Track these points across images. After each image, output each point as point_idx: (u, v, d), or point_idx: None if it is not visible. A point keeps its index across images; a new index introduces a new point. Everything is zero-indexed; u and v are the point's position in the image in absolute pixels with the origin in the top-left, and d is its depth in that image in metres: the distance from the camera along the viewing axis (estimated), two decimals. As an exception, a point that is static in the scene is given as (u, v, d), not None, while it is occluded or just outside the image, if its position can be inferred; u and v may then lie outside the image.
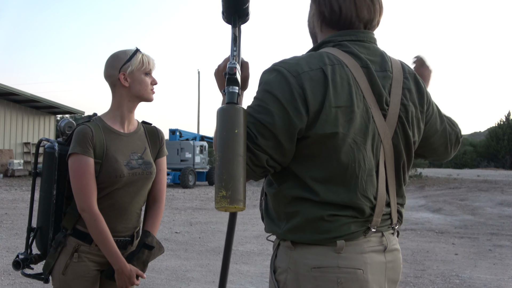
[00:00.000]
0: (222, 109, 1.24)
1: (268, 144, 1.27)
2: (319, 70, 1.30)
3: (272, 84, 1.31)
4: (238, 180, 1.19)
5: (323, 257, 1.30)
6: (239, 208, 1.19)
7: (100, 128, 1.98)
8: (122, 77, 1.99)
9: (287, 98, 1.28)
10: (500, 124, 45.60)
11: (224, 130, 1.22)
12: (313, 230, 1.31)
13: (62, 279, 1.94)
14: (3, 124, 22.93)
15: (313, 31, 1.53)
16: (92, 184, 1.90)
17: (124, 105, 2.03)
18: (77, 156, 1.90)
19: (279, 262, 1.37)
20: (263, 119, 1.27)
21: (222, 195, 1.18)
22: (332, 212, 1.30)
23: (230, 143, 1.20)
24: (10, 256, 5.94)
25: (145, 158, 2.06)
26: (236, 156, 1.20)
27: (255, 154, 1.27)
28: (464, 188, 17.63)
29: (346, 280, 1.29)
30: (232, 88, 1.30)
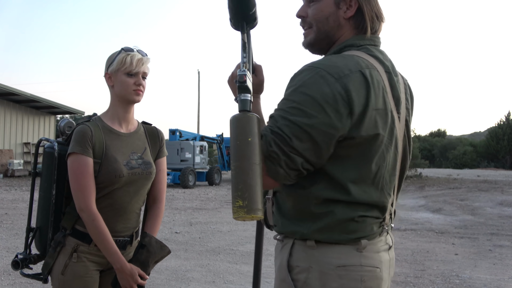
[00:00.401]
0: (235, 118, 1.22)
1: (304, 147, 1.24)
2: (358, 72, 1.30)
3: (309, 85, 1.27)
4: (254, 189, 1.17)
5: (347, 256, 1.33)
6: (257, 217, 1.18)
7: (100, 128, 1.98)
8: (107, 77, 2.01)
9: (327, 101, 1.25)
10: (500, 124, 45.57)
11: (238, 139, 1.20)
12: (341, 230, 1.33)
13: (61, 279, 1.94)
14: (3, 124, 22.92)
15: (332, 32, 1.44)
16: (91, 184, 1.89)
17: (117, 105, 2.03)
18: (76, 156, 1.89)
19: (296, 261, 1.36)
20: (299, 121, 1.24)
21: (239, 205, 1.18)
22: (362, 214, 1.34)
23: (244, 152, 1.19)
24: (10, 256, 5.94)
25: (145, 158, 2.06)
26: (251, 165, 1.18)
27: (290, 157, 1.24)
28: (464, 188, 17.62)
29: (368, 278, 1.33)
30: (244, 95, 1.27)
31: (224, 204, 13.10)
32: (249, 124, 1.21)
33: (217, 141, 22.48)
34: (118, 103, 2.03)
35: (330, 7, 1.42)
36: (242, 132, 1.20)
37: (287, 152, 1.24)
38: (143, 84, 2.00)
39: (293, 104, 1.27)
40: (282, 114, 1.27)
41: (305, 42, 1.50)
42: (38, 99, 23.21)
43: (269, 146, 1.24)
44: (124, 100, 2.01)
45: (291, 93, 1.30)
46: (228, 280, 5.15)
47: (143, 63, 1.99)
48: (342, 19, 1.42)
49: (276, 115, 1.29)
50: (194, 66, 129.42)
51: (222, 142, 22.45)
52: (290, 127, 1.24)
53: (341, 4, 1.41)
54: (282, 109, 1.29)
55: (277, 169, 1.25)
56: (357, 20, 1.42)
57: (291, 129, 1.24)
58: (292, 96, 1.29)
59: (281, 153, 1.23)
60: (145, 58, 2.00)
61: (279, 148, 1.24)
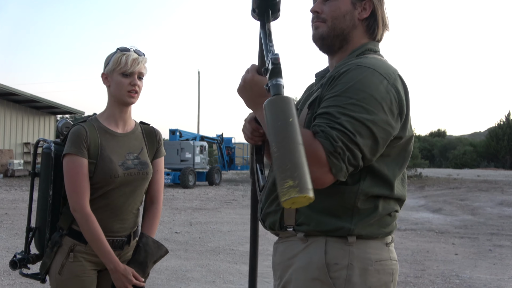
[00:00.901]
0: (271, 101, 1.13)
1: (365, 143, 1.25)
2: (398, 76, 1.37)
3: (366, 83, 1.28)
4: (303, 168, 1.06)
5: (380, 251, 1.39)
6: (309, 197, 1.04)
7: (95, 129, 1.98)
8: (104, 77, 2.02)
9: (385, 99, 1.28)
10: (500, 124, 45.56)
11: (278, 121, 1.11)
12: (379, 225, 1.39)
13: (58, 278, 1.94)
14: (3, 124, 22.92)
15: (347, 31, 1.45)
16: (85, 185, 1.89)
17: (114, 105, 2.03)
18: (71, 157, 1.90)
19: (334, 258, 1.35)
20: (361, 117, 1.24)
21: (289, 185, 1.03)
22: (396, 208, 1.44)
23: (287, 132, 1.09)
24: (10, 256, 5.93)
25: (141, 158, 2.05)
26: (296, 144, 1.08)
27: (352, 152, 1.23)
28: (464, 188, 17.62)
29: (395, 271, 1.42)
30: (277, 80, 1.18)
31: (224, 204, 13.11)
32: (288, 105, 1.13)
33: (217, 141, 22.47)
34: (114, 103, 2.03)
35: (347, 5, 1.45)
36: (282, 113, 1.12)
37: (351, 147, 1.23)
38: (138, 84, 1.98)
39: (352, 101, 1.26)
40: (340, 110, 1.25)
41: (317, 33, 1.48)
42: (38, 99, 23.20)
43: (335, 142, 1.21)
44: (119, 101, 2.01)
45: (346, 90, 1.28)
46: (228, 280, 5.15)
47: (139, 63, 1.97)
48: (357, 20, 1.46)
49: (333, 111, 1.26)
50: (194, 66, 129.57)
51: (222, 142, 22.44)
52: (352, 123, 1.23)
53: (357, 5, 1.45)
54: (338, 106, 1.26)
55: (341, 165, 1.22)
56: (370, 23, 1.46)
57: (353, 125, 1.23)
58: (349, 93, 1.27)
59: (346, 149, 1.22)
60: (141, 58, 1.99)
61: (343, 143, 1.22)
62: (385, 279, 1.37)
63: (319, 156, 1.20)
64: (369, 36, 1.48)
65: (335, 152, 1.20)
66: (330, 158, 1.20)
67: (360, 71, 1.30)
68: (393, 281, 1.40)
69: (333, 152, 1.20)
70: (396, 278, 1.43)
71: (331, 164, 1.21)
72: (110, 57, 2.00)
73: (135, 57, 1.96)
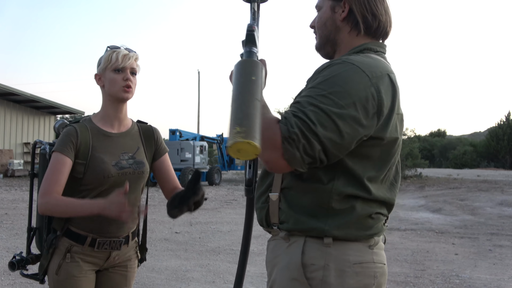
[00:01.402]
0: (239, 62, 1.19)
1: (327, 135, 1.22)
2: (387, 76, 1.35)
3: (343, 78, 1.28)
4: (254, 119, 1.09)
5: (362, 253, 1.37)
6: (254, 145, 1.06)
7: (88, 129, 1.98)
8: (97, 77, 2.02)
9: (359, 97, 1.26)
10: (500, 124, 45.56)
11: (242, 77, 1.16)
12: (359, 227, 1.36)
13: (55, 279, 1.94)
14: (3, 124, 22.92)
15: (332, 35, 1.51)
16: (59, 181, 1.86)
17: (108, 105, 2.03)
18: (55, 154, 1.91)
19: (310, 259, 1.35)
20: (328, 109, 1.23)
21: (236, 131, 1.07)
22: (377, 210, 1.40)
23: (246, 87, 1.14)
24: (10, 256, 5.93)
25: (137, 157, 2.04)
26: (252, 98, 1.12)
27: (309, 142, 1.22)
28: (464, 188, 17.62)
29: (379, 275, 1.39)
30: (250, 48, 1.24)
31: (224, 204, 13.11)
32: (254, 67, 1.18)
33: (217, 141, 22.48)
34: (109, 102, 2.02)
35: (327, 13, 1.51)
36: (245, 72, 1.17)
37: (308, 136, 1.21)
38: (131, 79, 1.98)
39: (323, 93, 1.26)
40: (309, 100, 1.26)
41: (315, 46, 1.58)
42: (38, 99, 23.20)
43: (290, 127, 1.21)
44: (114, 99, 2.00)
45: (322, 82, 1.29)
46: (228, 280, 5.15)
47: (130, 58, 1.97)
48: (339, 22, 1.49)
49: (303, 100, 1.27)
50: (194, 66, 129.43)
51: (222, 142, 22.44)
52: (317, 113, 1.23)
53: (336, 8, 1.49)
54: (309, 96, 1.27)
55: (294, 151, 1.21)
56: (350, 20, 1.47)
57: (317, 115, 1.23)
58: (323, 85, 1.28)
59: (302, 136, 1.21)
60: (131, 53, 1.99)
61: (300, 130, 1.21)
62: (366, 281, 1.35)
63: (275, 139, 1.21)
64: (355, 31, 1.48)
65: (289, 137, 1.21)
66: (284, 143, 1.21)
67: (342, 66, 1.31)
68: (375, 284, 1.37)
69: (287, 137, 1.21)
70: (381, 282, 1.40)
71: (284, 149, 1.21)
72: (101, 58, 2.01)
73: (126, 53, 1.98)
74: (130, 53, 1.99)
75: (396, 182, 1.48)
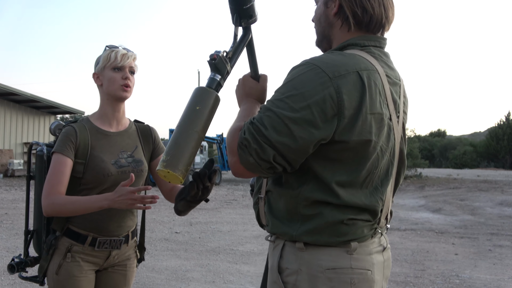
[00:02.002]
0: (194, 90, 1.28)
1: (280, 140, 1.21)
2: (355, 73, 1.26)
3: (301, 81, 1.25)
4: (182, 150, 1.20)
5: (337, 258, 1.31)
6: (174, 176, 1.19)
7: (86, 129, 1.98)
8: (96, 76, 2.02)
9: (316, 100, 1.22)
10: (500, 124, 45.56)
11: (188, 106, 1.26)
12: (330, 233, 1.31)
13: (55, 279, 1.93)
14: (3, 124, 22.92)
15: (326, 31, 1.46)
16: (61, 182, 1.87)
17: (105, 104, 2.03)
18: (55, 155, 1.91)
19: (286, 263, 1.35)
20: (281, 113, 1.22)
21: (162, 159, 1.20)
22: (351, 216, 1.32)
23: (188, 117, 1.25)
24: (10, 256, 5.94)
25: (135, 156, 2.05)
26: (189, 129, 1.23)
27: (261, 146, 1.22)
28: (464, 188, 17.62)
29: (358, 281, 1.31)
30: (214, 75, 1.33)
31: (224, 204, 13.10)
32: (204, 96, 1.27)
33: (217, 141, 22.48)
34: (107, 101, 2.02)
35: (321, 8, 1.47)
36: (194, 101, 1.26)
37: (259, 141, 1.22)
38: (130, 78, 1.98)
39: (281, 97, 1.26)
40: (267, 105, 1.27)
41: (315, 43, 1.55)
42: (38, 99, 23.20)
43: (242, 134, 1.25)
44: (112, 98, 2.00)
45: (282, 86, 1.29)
46: (228, 280, 5.15)
47: (128, 57, 1.98)
48: (332, 17, 1.43)
49: (263, 106, 1.29)
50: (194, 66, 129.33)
51: (222, 142, 22.44)
52: (271, 118, 1.23)
53: (329, 3, 1.44)
54: (268, 101, 1.29)
55: (247, 157, 1.24)
56: (341, 15, 1.41)
57: (271, 119, 1.23)
58: (282, 89, 1.28)
59: (253, 141, 1.22)
60: (130, 53, 2.00)
61: (252, 136, 1.23)
62: (340, 287, 1.30)
63: (233, 146, 1.29)
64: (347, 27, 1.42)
65: (241, 143, 1.25)
66: (238, 149, 1.26)
67: (303, 68, 1.28)
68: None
69: (240, 143, 1.25)
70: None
71: (239, 155, 1.26)
72: (100, 56, 2.02)
73: (125, 52, 1.99)
74: (129, 53, 2.00)
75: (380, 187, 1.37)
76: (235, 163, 1.28)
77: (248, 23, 1.45)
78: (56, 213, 1.87)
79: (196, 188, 1.51)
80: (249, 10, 1.41)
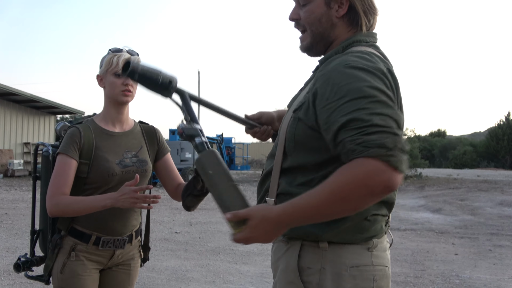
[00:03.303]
0: (195, 164, 1.38)
1: (396, 117, 1.19)
2: (387, 69, 1.30)
3: (366, 80, 1.20)
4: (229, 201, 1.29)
5: (359, 256, 1.33)
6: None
7: (91, 129, 2.00)
8: (99, 78, 2.04)
9: (381, 88, 1.21)
10: (500, 124, 45.53)
11: (206, 179, 1.35)
12: (355, 230, 1.33)
13: (60, 277, 1.95)
14: (3, 124, 22.92)
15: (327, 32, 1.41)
16: (65, 180, 1.89)
17: (109, 106, 2.05)
18: (60, 155, 1.93)
19: (307, 263, 1.34)
20: (386, 112, 1.16)
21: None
22: (374, 212, 1.34)
23: (213, 183, 1.33)
24: (10, 256, 5.94)
25: (140, 156, 2.07)
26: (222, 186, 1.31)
27: (400, 142, 1.14)
28: (464, 188, 17.62)
29: (379, 278, 1.34)
30: (195, 140, 1.40)
31: (224, 204, 13.08)
32: (205, 160, 1.34)
33: (217, 141, 22.47)
34: (110, 104, 2.04)
35: (321, 8, 1.39)
36: (204, 171, 1.34)
37: (393, 138, 1.13)
38: (131, 84, 2.00)
39: (368, 99, 1.17)
40: (367, 112, 1.15)
41: (302, 46, 1.47)
42: (38, 99, 23.20)
43: (380, 142, 1.11)
44: (114, 101, 2.02)
45: (348, 92, 1.19)
46: (228, 280, 5.15)
47: None
48: (335, 18, 1.39)
49: (357, 117, 1.15)
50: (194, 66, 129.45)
51: (222, 142, 22.43)
52: (385, 119, 1.15)
53: (332, 3, 1.38)
54: (361, 109, 1.16)
55: (400, 158, 1.12)
56: (351, 17, 1.39)
57: (383, 118, 1.15)
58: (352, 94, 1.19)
59: (398, 141, 1.13)
60: (133, 57, 1.99)
61: (391, 140, 1.12)
62: (363, 285, 1.32)
63: (377, 166, 1.10)
64: (353, 29, 1.41)
65: (387, 151, 1.11)
66: (390, 159, 1.11)
67: (354, 70, 1.25)
68: (375, 287, 1.34)
69: (386, 152, 1.11)
70: (382, 285, 1.36)
71: (394, 163, 1.11)
72: (103, 59, 2.03)
73: (127, 57, 1.98)
74: (132, 58, 1.99)
75: None
76: (388, 175, 1.10)
77: (173, 89, 1.48)
78: (61, 213, 1.90)
79: (201, 181, 1.57)
80: (164, 82, 1.46)
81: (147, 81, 1.46)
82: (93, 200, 1.87)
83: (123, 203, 1.80)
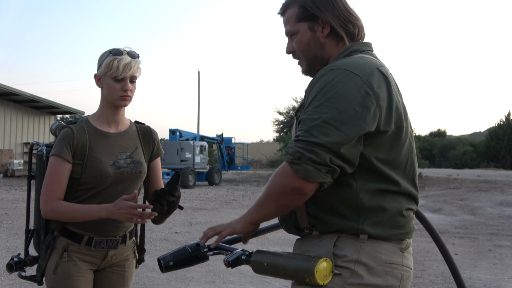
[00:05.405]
0: (252, 264, 1.51)
1: (331, 141, 1.28)
2: (376, 70, 1.40)
3: (336, 84, 1.34)
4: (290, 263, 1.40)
5: (394, 254, 1.41)
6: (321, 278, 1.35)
7: (85, 130, 1.97)
8: (97, 78, 2.00)
9: (355, 97, 1.31)
10: (500, 124, 45.47)
11: (264, 273, 1.50)
12: (392, 225, 1.40)
13: (53, 278, 1.94)
14: (3, 124, 22.92)
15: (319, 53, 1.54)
16: (59, 183, 1.88)
17: (106, 107, 2.02)
18: (53, 157, 1.91)
19: (344, 251, 1.39)
20: (325, 117, 1.29)
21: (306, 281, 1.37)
22: (408, 206, 1.44)
23: (271, 270, 1.46)
24: (10, 256, 5.92)
25: (134, 157, 2.04)
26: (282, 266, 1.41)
27: (315, 153, 1.28)
28: (464, 188, 17.61)
29: (405, 278, 1.43)
30: (234, 255, 1.60)
31: (224, 204, 13.10)
32: (259, 262, 1.49)
33: (217, 141, 22.47)
34: (107, 105, 2.02)
35: (307, 34, 1.53)
36: (260, 271, 1.51)
37: (312, 149, 1.28)
38: (130, 89, 1.96)
39: (319, 103, 1.33)
40: (307, 115, 1.33)
41: (303, 71, 1.62)
42: (38, 99, 23.20)
43: (291, 150, 1.31)
44: (111, 104, 2.00)
45: (317, 94, 1.35)
46: (228, 280, 5.15)
47: (131, 68, 1.93)
48: (322, 39, 1.53)
49: (303, 118, 1.35)
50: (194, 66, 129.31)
51: (222, 142, 22.43)
52: (316, 125, 1.30)
53: (315, 27, 1.52)
54: (307, 111, 1.35)
55: (305, 166, 1.29)
56: (335, 34, 1.51)
57: (316, 127, 1.29)
58: (317, 96, 1.34)
59: (305, 151, 1.28)
60: (133, 61, 1.94)
61: (302, 148, 1.29)
62: (392, 282, 1.39)
63: (286, 170, 1.33)
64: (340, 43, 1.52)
65: (293, 159, 1.30)
66: (293, 167, 1.30)
67: (331, 74, 1.36)
68: (400, 286, 1.41)
69: (291, 160, 1.30)
70: (406, 285, 1.44)
71: (296, 171, 1.30)
72: (103, 59, 1.96)
73: (127, 62, 1.92)
74: (132, 62, 1.94)
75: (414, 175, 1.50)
76: (296, 182, 1.31)
77: (203, 247, 1.77)
78: (56, 218, 1.91)
79: (159, 205, 1.79)
80: (193, 253, 1.74)
81: (183, 262, 1.68)
82: (89, 210, 1.86)
83: (119, 217, 1.82)
